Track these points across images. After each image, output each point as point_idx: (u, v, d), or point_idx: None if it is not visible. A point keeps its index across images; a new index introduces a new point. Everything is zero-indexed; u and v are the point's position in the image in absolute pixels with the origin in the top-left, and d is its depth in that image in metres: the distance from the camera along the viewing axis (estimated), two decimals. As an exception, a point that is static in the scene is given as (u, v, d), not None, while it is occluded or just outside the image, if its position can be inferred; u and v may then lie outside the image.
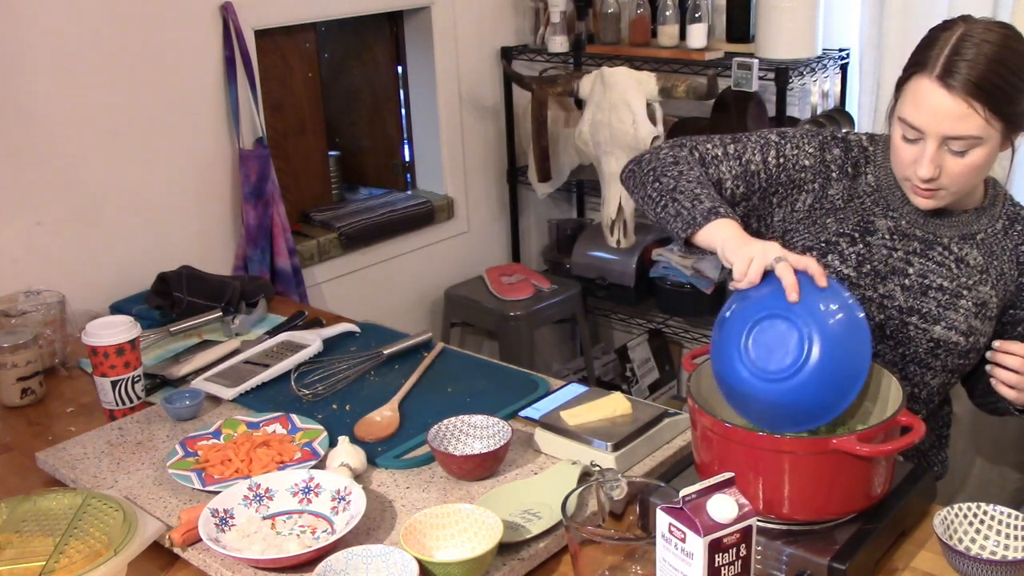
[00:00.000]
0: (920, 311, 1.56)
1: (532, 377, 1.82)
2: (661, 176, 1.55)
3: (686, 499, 1.06)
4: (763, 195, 1.61)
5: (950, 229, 1.59)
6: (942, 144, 1.44)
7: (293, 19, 2.72)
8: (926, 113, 1.43)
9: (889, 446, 1.22)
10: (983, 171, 1.50)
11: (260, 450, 1.54)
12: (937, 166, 1.46)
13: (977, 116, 1.40)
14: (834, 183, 1.61)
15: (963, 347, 1.56)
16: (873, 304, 1.57)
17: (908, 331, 1.57)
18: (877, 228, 1.59)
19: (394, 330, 2.06)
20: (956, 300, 1.56)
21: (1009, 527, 1.28)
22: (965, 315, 1.55)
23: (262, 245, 2.57)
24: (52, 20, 2.17)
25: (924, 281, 1.57)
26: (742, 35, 2.84)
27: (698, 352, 1.46)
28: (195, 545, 1.36)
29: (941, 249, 1.58)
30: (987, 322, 1.57)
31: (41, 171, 2.20)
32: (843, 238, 1.59)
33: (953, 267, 1.57)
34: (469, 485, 1.47)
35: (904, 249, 1.58)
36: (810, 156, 1.62)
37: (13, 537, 1.33)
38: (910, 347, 1.58)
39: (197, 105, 2.47)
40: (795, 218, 1.63)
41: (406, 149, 3.23)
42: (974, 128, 1.41)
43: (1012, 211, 1.63)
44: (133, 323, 1.74)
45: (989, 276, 1.58)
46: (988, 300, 1.57)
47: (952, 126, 1.42)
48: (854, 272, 1.58)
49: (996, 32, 1.43)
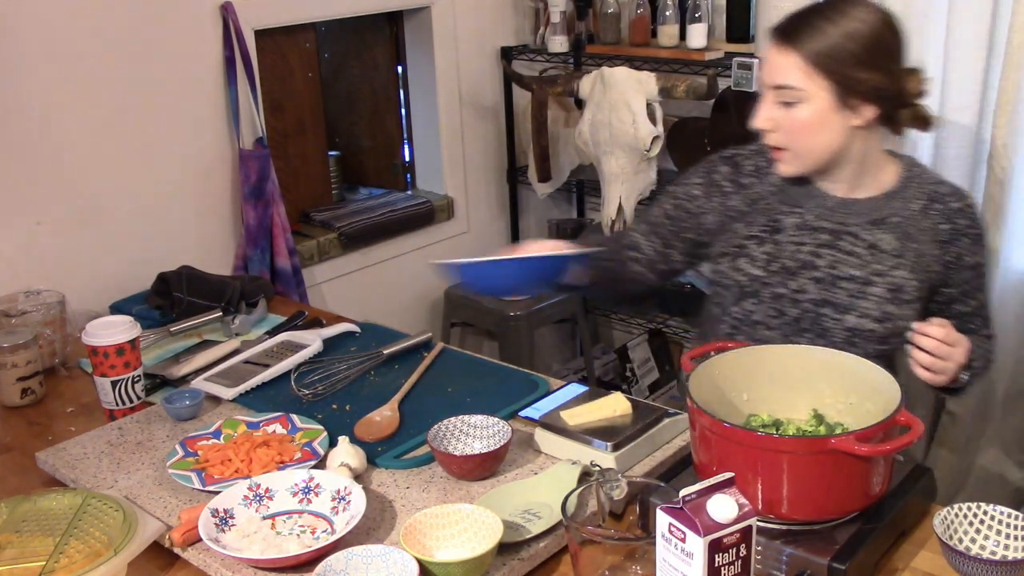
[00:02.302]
0: (832, 302, 1.61)
1: (532, 377, 1.82)
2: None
3: (686, 499, 1.06)
4: (678, 235, 1.76)
5: (858, 216, 1.62)
6: (774, 97, 1.56)
7: (293, 19, 2.72)
8: (763, 67, 1.59)
9: (888, 446, 1.22)
10: (817, 131, 1.55)
11: (260, 450, 1.54)
12: (770, 119, 1.57)
13: (795, 67, 1.52)
14: (730, 196, 1.72)
15: (880, 333, 1.59)
16: (786, 299, 1.63)
17: (823, 323, 1.61)
18: (784, 226, 1.65)
19: (394, 330, 2.06)
20: (867, 288, 1.59)
21: (1009, 527, 1.28)
22: (877, 302, 1.58)
23: (262, 245, 2.57)
24: (52, 20, 2.17)
25: (834, 272, 1.61)
26: (742, 35, 2.83)
27: (697, 352, 1.46)
28: (195, 545, 1.36)
29: (851, 238, 1.62)
30: (904, 306, 1.59)
31: (41, 171, 2.20)
32: (752, 240, 1.67)
33: (865, 255, 1.60)
34: (469, 485, 1.47)
35: (813, 243, 1.63)
36: (697, 185, 1.75)
37: (13, 537, 1.33)
38: (827, 338, 1.61)
39: (197, 105, 2.47)
40: (714, 233, 1.73)
41: (406, 149, 3.23)
42: (794, 79, 1.53)
43: (930, 191, 1.64)
44: (133, 323, 1.74)
45: (905, 260, 1.60)
46: (904, 284, 1.59)
47: (776, 75, 1.55)
48: (763, 271, 1.64)
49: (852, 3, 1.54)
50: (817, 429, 1.37)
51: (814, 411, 1.41)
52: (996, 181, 2.50)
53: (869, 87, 1.53)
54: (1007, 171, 2.49)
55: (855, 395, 1.39)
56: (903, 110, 1.60)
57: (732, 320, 1.71)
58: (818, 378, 1.42)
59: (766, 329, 1.67)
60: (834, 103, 1.53)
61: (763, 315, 1.66)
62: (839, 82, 1.52)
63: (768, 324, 1.66)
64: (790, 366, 1.44)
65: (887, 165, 1.65)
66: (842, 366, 1.41)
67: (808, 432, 1.37)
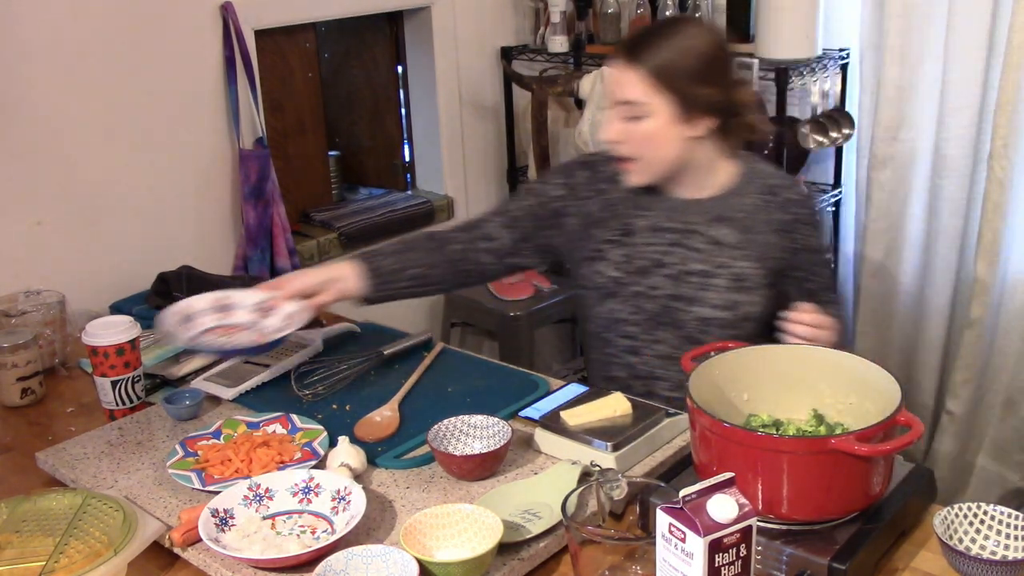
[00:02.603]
0: (682, 296, 1.73)
1: (532, 377, 1.82)
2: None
3: (686, 499, 1.06)
4: (537, 232, 1.84)
5: (701, 215, 1.75)
6: (621, 112, 1.66)
7: (293, 19, 2.72)
8: (609, 83, 1.68)
9: (887, 446, 1.22)
10: (661, 143, 1.66)
11: (260, 450, 1.54)
12: (616, 131, 1.68)
13: (638, 83, 1.63)
14: (589, 200, 1.82)
15: (729, 319, 1.71)
16: (643, 296, 1.75)
17: (677, 315, 1.74)
18: (636, 228, 1.77)
19: (394, 330, 2.06)
20: (711, 280, 1.72)
21: (1009, 527, 1.27)
22: (722, 291, 1.71)
23: (262, 245, 2.57)
24: (52, 20, 2.17)
25: (683, 268, 1.73)
26: (742, 35, 2.83)
27: (697, 352, 1.46)
28: (195, 545, 1.36)
29: (696, 235, 1.74)
30: (750, 292, 1.71)
31: (41, 171, 2.20)
32: (608, 244, 1.77)
33: (709, 249, 1.73)
34: (469, 485, 1.47)
35: (662, 242, 1.75)
36: (559, 186, 1.84)
37: (13, 537, 1.33)
38: (683, 329, 1.74)
39: (197, 105, 2.47)
40: (573, 236, 1.83)
41: (406, 149, 3.23)
42: (637, 94, 1.63)
43: (767, 185, 1.77)
44: (133, 323, 1.73)
45: (747, 251, 1.72)
46: (747, 273, 1.71)
47: (621, 91, 1.65)
48: (621, 272, 1.76)
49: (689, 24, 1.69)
50: (817, 429, 1.37)
51: (814, 411, 1.41)
52: (996, 181, 2.50)
53: (707, 101, 1.65)
54: (1007, 171, 2.49)
55: (855, 395, 1.39)
56: (736, 119, 1.72)
57: (599, 320, 1.82)
58: (818, 378, 1.42)
59: (629, 325, 1.79)
60: (676, 117, 1.65)
61: (626, 313, 1.78)
62: (680, 97, 1.63)
63: (630, 320, 1.78)
64: (790, 366, 1.44)
65: (728, 166, 1.76)
66: (842, 366, 1.41)
67: (808, 432, 1.37)
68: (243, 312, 1.66)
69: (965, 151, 2.62)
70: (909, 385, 2.84)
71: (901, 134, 2.69)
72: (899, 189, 2.74)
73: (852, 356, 1.42)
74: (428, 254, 1.83)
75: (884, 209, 2.76)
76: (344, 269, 1.76)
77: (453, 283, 1.88)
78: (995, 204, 2.51)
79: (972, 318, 2.61)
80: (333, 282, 1.73)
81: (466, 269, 1.86)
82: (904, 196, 2.75)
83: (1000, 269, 2.60)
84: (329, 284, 1.73)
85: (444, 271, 1.84)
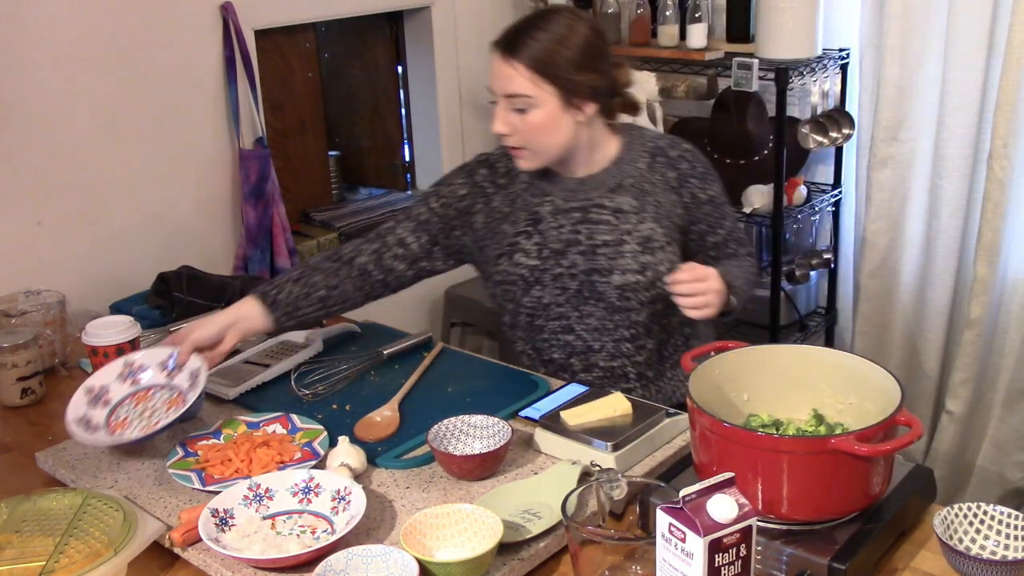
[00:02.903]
0: (598, 268, 1.78)
1: (532, 377, 1.82)
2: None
3: (686, 499, 1.06)
4: (447, 233, 1.86)
5: (598, 188, 1.81)
6: (508, 104, 1.71)
7: (293, 19, 2.72)
8: (493, 78, 1.72)
9: (887, 446, 1.22)
10: (551, 131, 1.72)
11: (260, 450, 1.54)
12: (508, 124, 1.72)
13: (521, 77, 1.67)
14: (493, 197, 1.86)
15: (645, 282, 1.77)
16: (565, 277, 1.80)
17: (597, 288, 1.79)
18: (542, 215, 1.82)
19: (394, 330, 2.06)
20: (621, 247, 1.78)
21: (1009, 527, 1.27)
22: (632, 256, 1.77)
23: (262, 245, 2.57)
24: (52, 20, 2.17)
25: (592, 242, 1.79)
26: (742, 35, 2.83)
27: (697, 352, 1.46)
28: (195, 545, 1.36)
29: (597, 209, 1.80)
30: (659, 252, 1.78)
31: (41, 171, 2.20)
32: (520, 236, 1.82)
33: (612, 219, 1.79)
34: (469, 485, 1.47)
35: (569, 222, 1.81)
36: (462, 186, 1.88)
37: (13, 537, 1.33)
38: (605, 300, 1.80)
39: (197, 105, 2.47)
40: (481, 234, 1.86)
41: (406, 149, 3.23)
42: (522, 87, 1.68)
43: (651, 146, 1.85)
44: (133, 323, 1.74)
45: (647, 213, 1.80)
46: (652, 234, 1.78)
47: (505, 85, 1.70)
48: (538, 260, 1.80)
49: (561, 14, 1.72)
50: (817, 429, 1.37)
51: (814, 411, 1.41)
52: (996, 181, 2.50)
53: (588, 87, 1.71)
54: (1007, 171, 2.49)
55: (855, 395, 1.39)
56: (617, 99, 1.80)
57: (527, 310, 1.85)
58: (818, 378, 1.42)
59: (558, 307, 1.83)
60: (561, 105, 1.70)
61: (551, 297, 1.82)
62: (562, 86, 1.69)
63: (557, 303, 1.83)
64: (790, 366, 1.44)
65: (612, 139, 1.83)
66: (842, 366, 1.41)
67: (808, 432, 1.37)
68: (152, 372, 1.65)
69: (965, 151, 2.62)
70: (909, 385, 2.84)
71: (901, 134, 2.69)
72: (899, 189, 2.74)
73: (852, 356, 1.42)
74: (332, 275, 1.80)
75: (884, 209, 2.76)
76: (244, 308, 1.73)
77: (364, 296, 1.85)
78: (995, 204, 2.51)
79: (972, 318, 2.61)
80: (233, 325, 1.70)
81: (378, 279, 1.84)
82: (904, 196, 2.75)
83: (1000, 269, 2.60)
84: (230, 328, 1.69)
85: (352, 286, 1.82)
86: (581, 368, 1.86)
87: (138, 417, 1.57)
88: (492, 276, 1.87)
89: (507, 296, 1.86)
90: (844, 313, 3.04)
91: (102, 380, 1.63)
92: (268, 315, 1.74)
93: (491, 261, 1.86)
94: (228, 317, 1.71)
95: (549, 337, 1.86)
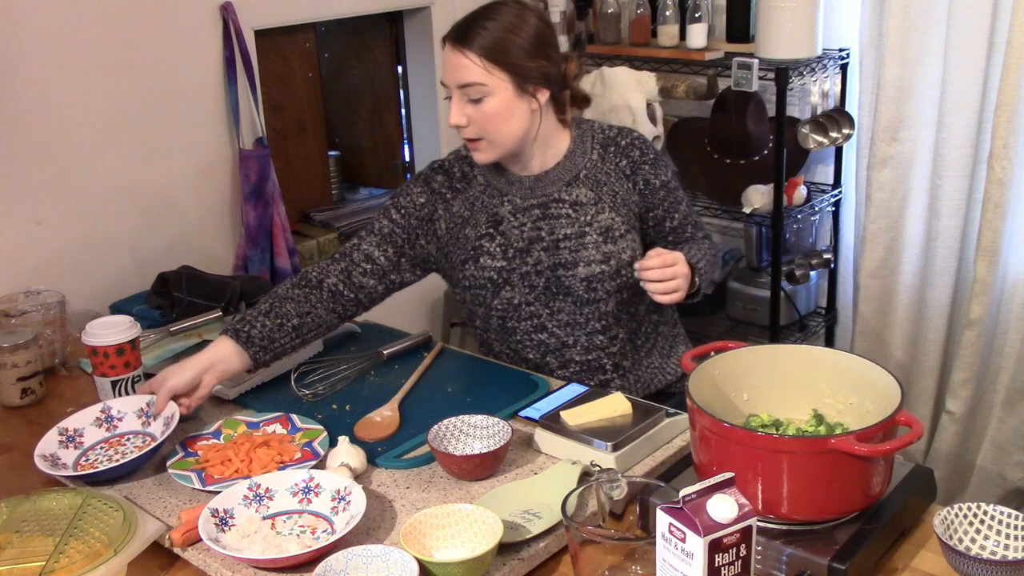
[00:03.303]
0: (562, 263, 1.81)
1: (532, 377, 1.82)
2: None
3: (686, 499, 1.06)
4: (412, 243, 1.87)
5: (554, 183, 1.84)
6: (462, 95, 1.73)
7: (293, 19, 2.72)
8: (446, 71, 1.75)
9: (887, 446, 1.22)
10: (506, 119, 1.74)
11: (260, 450, 1.54)
12: (463, 115, 1.74)
13: (474, 65, 1.70)
14: (452, 202, 1.88)
15: (609, 271, 1.80)
16: (532, 275, 1.82)
17: (564, 282, 1.81)
18: (502, 216, 1.84)
19: (394, 330, 2.06)
20: (582, 239, 1.80)
21: (1009, 527, 1.27)
22: (595, 247, 1.79)
23: (262, 245, 2.57)
24: (52, 20, 2.17)
25: (554, 237, 1.81)
26: (742, 35, 2.84)
27: (698, 352, 1.46)
28: (195, 545, 1.36)
29: (555, 203, 1.83)
30: (620, 240, 1.81)
31: (41, 171, 2.20)
32: (483, 239, 1.84)
33: (571, 212, 1.82)
34: (469, 485, 1.47)
35: (530, 220, 1.83)
36: (420, 194, 1.89)
37: (13, 537, 1.33)
38: (572, 294, 1.82)
39: (197, 105, 2.47)
40: (444, 241, 1.88)
41: (406, 149, 3.23)
42: (475, 76, 1.70)
43: (602, 138, 1.87)
44: (133, 323, 1.74)
45: (604, 203, 1.82)
46: (611, 224, 1.81)
47: (459, 76, 1.72)
48: (503, 261, 1.83)
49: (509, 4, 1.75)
50: (817, 429, 1.37)
51: (814, 411, 1.41)
52: (996, 181, 2.50)
53: (540, 73, 1.74)
54: (1007, 171, 2.49)
55: (855, 395, 1.39)
56: (566, 91, 1.82)
57: (499, 312, 1.87)
58: (818, 378, 1.42)
59: (528, 306, 1.85)
60: (514, 92, 1.73)
61: (521, 296, 1.84)
62: (514, 72, 1.72)
63: (527, 301, 1.85)
64: (790, 366, 1.44)
65: (563, 134, 1.85)
66: (842, 366, 1.41)
67: (808, 432, 1.37)
68: (128, 421, 1.65)
69: (965, 151, 2.62)
70: (909, 385, 2.84)
71: (901, 134, 2.69)
72: (899, 189, 2.74)
73: (852, 356, 1.42)
74: (302, 302, 1.77)
75: (884, 209, 2.76)
76: (219, 349, 1.68)
77: (338, 318, 1.83)
78: (995, 204, 2.51)
79: (972, 318, 2.61)
80: (209, 369, 1.66)
81: (350, 298, 1.82)
82: (904, 196, 2.75)
83: (1000, 269, 2.60)
84: (205, 373, 1.65)
85: (324, 310, 1.79)
86: (557, 365, 1.88)
87: (108, 460, 1.58)
88: (460, 282, 1.88)
89: (477, 300, 1.88)
90: (844, 313, 3.04)
91: (77, 424, 1.63)
92: (243, 353, 1.68)
93: (457, 267, 1.87)
94: (203, 360, 1.65)
95: (523, 338, 1.88)
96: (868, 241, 2.80)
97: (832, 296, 3.05)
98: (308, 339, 1.79)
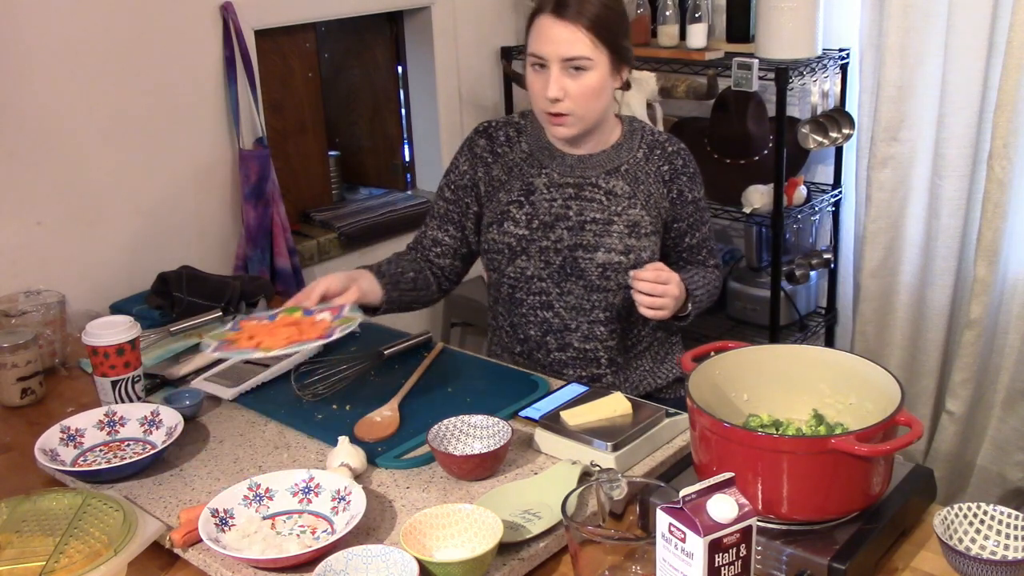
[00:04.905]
0: (583, 244, 1.84)
1: (532, 377, 1.82)
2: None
3: (686, 499, 1.06)
4: (466, 214, 1.94)
5: (595, 169, 1.87)
6: (562, 68, 1.73)
7: (293, 19, 2.72)
8: (544, 43, 1.74)
9: (887, 446, 1.22)
10: (600, 95, 1.77)
11: (284, 328, 1.60)
12: (561, 87, 1.74)
13: (584, 39, 1.71)
14: (492, 166, 1.92)
15: (626, 264, 1.82)
16: (550, 250, 1.85)
17: (580, 264, 1.84)
18: (537, 187, 1.88)
19: (394, 330, 2.06)
20: (608, 227, 1.83)
21: (1009, 527, 1.28)
22: (619, 237, 1.83)
23: (262, 245, 2.57)
24: (52, 20, 2.17)
25: (581, 218, 1.84)
26: (742, 35, 2.84)
27: (698, 352, 1.46)
28: (195, 545, 1.36)
29: (591, 188, 1.86)
30: (644, 238, 1.84)
31: (41, 171, 2.20)
32: (512, 205, 1.87)
33: (604, 200, 1.85)
34: (469, 485, 1.47)
35: (562, 197, 1.86)
36: (465, 161, 1.94)
37: (13, 537, 1.33)
38: (585, 278, 1.84)
39: (197, 105, 2.47)
40: (483, 202, 1.93)
41: (406, 149, 3.23)
42: (583, 49, 1.72)
43: (651, 139, 1.91)
44: (133, 323, 1.74)
45: (638, 199, 1.85)
46: (640, 220, 1.84)
47: (566, 48, 1.72)
48: (526, 230, 1.86)
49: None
50: (817, 429, 1.37)
51: (814, 411, 1.41)
52: (996, 181, 2.50)
53: (629, 53, 1.80)
54: (1007, 171, 2.49)
55: (855, 395, 1.39)
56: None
57: (510, 280, 1.90)
58: (818, 378, 1.42)
59: (540, 280, 1.88)
60: (610, 69, 1.76)
61: (535, 269, 1.87)
62: (613, 50, 1.75)
63: (540, 276, 1.87)
64: (790, 366, 1.44)
65: (616, 124, 1.90)
66: (842, 366, 1.41)
67: (808, 432, 1.37)
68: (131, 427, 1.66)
69: (965, 151, 2.62)
70: (909, 385, 2.84)
71: (901, 134, 2.69)
72: (899, 189, 2.74)
73: (852, 356, 1.42)
74: (416, 262, 1.96)
75: (884, 209, 2.76)
76: (357, 272, 1.85)
77: (438, 289, 2.00)
78: (995, 204, 2.51)
79: (972, 318, 2.61)
80: (358, 279, 1.81)
81: (440, 276, 1.99)
82: (904, 196, 2.75)
83: (1000, 269, 2.60)
84: (354, 281, 1.79)
85: (432, 276, 1.97)
86: (556, 347, 1.90)
87: (106, 464, 1.58)
88: (481, 244, 1.93)
89: (492, 265, 1.92)
90: (844, 313, 3.04)
91: (80, 424, 1.64)
92: (377, 283, 1.84)
93: (484, 228, 1.92)
94: (352, 272, 1.82)
95: (528, 312, 1.90)
96: (868, 241, 2.81)
97: (832, 296, 3.05)
98: (420, 298, 1.94)
